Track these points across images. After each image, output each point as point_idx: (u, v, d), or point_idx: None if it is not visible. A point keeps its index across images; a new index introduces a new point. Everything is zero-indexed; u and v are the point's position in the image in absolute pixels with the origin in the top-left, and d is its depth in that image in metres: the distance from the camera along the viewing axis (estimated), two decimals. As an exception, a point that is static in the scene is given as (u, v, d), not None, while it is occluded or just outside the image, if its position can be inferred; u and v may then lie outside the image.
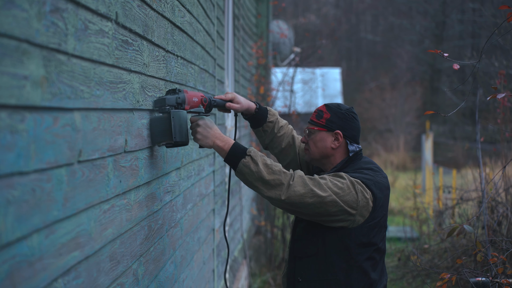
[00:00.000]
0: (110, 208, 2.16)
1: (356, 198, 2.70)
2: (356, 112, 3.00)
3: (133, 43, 2.42)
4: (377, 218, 2.78)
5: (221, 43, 5.52)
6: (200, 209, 4.25)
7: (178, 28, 3.28)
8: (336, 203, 2.67)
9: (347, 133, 2.91)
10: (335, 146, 2.91)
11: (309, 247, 2.85)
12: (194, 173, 3.99)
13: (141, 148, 2.55)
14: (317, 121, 2.94)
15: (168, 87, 3.07)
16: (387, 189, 2.87)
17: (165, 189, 3.05)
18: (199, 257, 4.21)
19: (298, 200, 2.66)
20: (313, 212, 2.70)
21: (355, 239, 2.75)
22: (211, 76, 4.65)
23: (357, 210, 2.71)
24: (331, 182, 2.70)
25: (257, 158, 2.69)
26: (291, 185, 2.66)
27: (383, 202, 2.80)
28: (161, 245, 2.98)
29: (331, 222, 2.74)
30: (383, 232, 2.86)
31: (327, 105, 2.94)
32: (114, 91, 2.18)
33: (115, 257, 2.23)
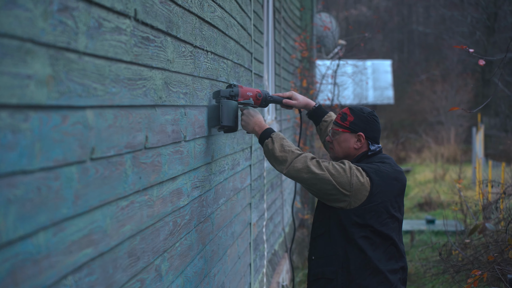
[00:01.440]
0: (129, 204, 2.16)
1: (349, 180, 2.96)
2: (377, 115, 3.24)
3: (155, 40, 2.41)
4: (374, 202, 3.00)
5: (259, 37, 5.49)
6: (234, 203, 4.23)
7: (207, 23, 3.26)
8: (329, 182, 2.95)
9: (369, 134, 3.17)
10: (358, 146, 3.17)
11: (320, 228, 3.16)
12: (228, 168, 3.97)
13: (164, 144, 2.54)
14: (342, 123, 3.19)
15: (196, 83, 3.06)
16: (393, 179, 3.08)
17: (193, 184, 3.04)
18: (233, 251, 4.20)
19: (295, 174, 3.02)
20: (314, 188, 3.03)
21: (350, 219, 3.01)
22: (247, 70, 4.63)
23: (351, 192, 2.97)
24: (332, 166, 3.01)
25: (276, 139, 3.11)
26: (293, 161, 3.02)
27: (383, 189, 3.01)
28: (189, 240, 2.98)
29: (332, 202, 3.04)
30: (385, 218, 3.04)
31: (351, 108, 3.21)
32: (133, 88, 2.17)
33: (135, 253, 2.22)
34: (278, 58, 7.10)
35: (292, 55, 8.46)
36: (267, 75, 6.04)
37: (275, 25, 6.91)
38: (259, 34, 5.46)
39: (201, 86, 3.16)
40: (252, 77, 4.90)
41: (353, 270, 3.03)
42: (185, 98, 2.86)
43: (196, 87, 3.05)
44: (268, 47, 6.63)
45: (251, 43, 4.84)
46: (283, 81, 7.70)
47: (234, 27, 4.05)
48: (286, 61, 8.04)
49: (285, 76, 7.97)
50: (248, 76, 4.71)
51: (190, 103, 2.95)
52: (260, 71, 5.52)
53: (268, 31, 6.65)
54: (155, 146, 2.42)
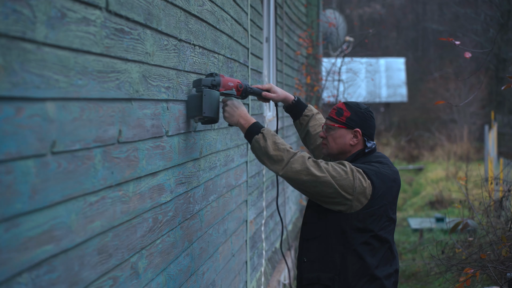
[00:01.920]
0: (99, 200, 2.10)
1: (352, 184, 2.84)
2: (372, 111, 3.15)
3: (131, 32, 2.35)
4: (375, 206, 2.91)
5: (258, 33, 5.42)
6: (228, 200, 4.17)
7: (194, 16, 3.20)
8: (331, 185, 2.83)
9: (366, 131, 3.06)
10: (354, 143, 3.07)
11: (314, 230, 3.04)
12: (220, 164, 3.91)
13: (142, 139, 2.49)
14: (337, 118, 3.07)
15: (182, 77, 3.00)
16: (392, 181, 3.00)
17: (177, 180, 2.99)
18: (226, 249, 4.14)
19: (294, 176, 2.87)
20: (311, 191, 2.89)
21: (351, 224, 2.90)
22: (242, 66, 4.56)
23: (353, 196, 2.86)
24: (332, 167, 2.88)
25: (268, 136, 2.94)
26: (290, 161, 2.87)
27: (383, 192, 2.93)
28: (172, 237, 2.92)
29: (330, 204, 2.92)
30: (384, 222, 2.97)
31: (347, 103, 3.09)
32: (104, 80, 2.11)
33: (106, 250, 2.17)
34: (280, 54, 7.02)
35: (296, 52, 8.38)
36: (267, 71, 5.97)
37: (276, 21, 6.83)
38: (258, 29, 5.39)
39: (187, 80, 3.10)
40: (249, 73, 4.83)
41: (350, 277, 2.96)
42: (168, 92, 2.80)
43: (181, 81, 3.00)
44: (269, 43, 6.56)
45: (248, 38, 4.77)
46: (286, 78, 7.62)
47: (227, 21, 3.99)
48: (290, 58, 7.96)
49: (289, 72, 7.89)
50: (244, 71, 4.65)
51: (174, 98, 2.89)
52: (259, 66, 5.45)
53: (269, 27, 6.59)
54: (130, 141, 2.37)
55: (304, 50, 8.85)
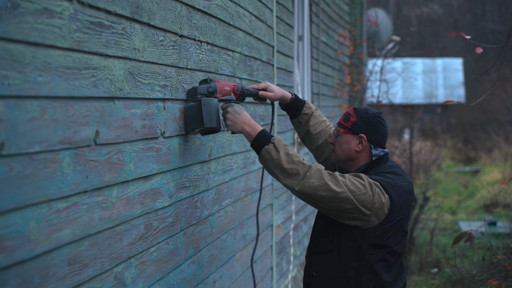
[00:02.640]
0: (69, 206, 1.94)
1: (371, 199, 2.68)
2: (383, 117, 2.97)
3: (113, 26, 2.18)
4: (393, 221, 2.76)
5: (287, 30, 5.21)
6: (248, 204, 3.98)
7: (200, 11, 3.02)
8: (350, 201, 2.66)
9: (371, 137, 2.90)
10: (359, 149, 2.91)
11: (325, 244, 2.86)
12: (237, 167, 3.72)
13: (128, 140, 2.31)
14: (344, 124, 2.94)
15: (183, 75, 2.82)
16: (408, 193, 2.85)
17: (179, 184, 2.81)
18: (246, 255, 3.94)
19: (311, 192, 2.67)
20: (328, 206, 2.70)
21: (368, 239, 2.75)
22: (265, 64, 4.36)
23: (372, 211, 2.69)
24: (349, 181, 2.69)
25: (280, 147, 2.72)
26: (306, 176, 2.68)
27: (401, 206, 2.78)
28: (172, 244, 2.74)
29: (346, 219, 2.74)
30: (400, 236, 2.83)
31: (356, 108, 2.96)
32: (75, 77, 1.95)
33: (80, 260, 2.00)
34: (316, 53, 6.79)
35: (338, 51, 8.13)
36: (297, 70, 5.75)
37: (311, 19, 6.60)
38: (287, 27, 5.18)
39: (190, 78, 2.92)
40: (274, 72, 4.63)
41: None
42: (164, 91, 2.62)
43: (182, 79, 2.82)
44: (303, 41, 6.34)
45: (273, 36, 4.57)
46: (323, 77, 7.38)
47: (244, 17, 3.79)
48: (329, 57, 7.72)
49: (327, 71, 7.65)
50: (267, 70, 4.45)
51: (173, 97, 2.71)
52: (288, 65, 5.23)
53: (303, 25, 6.37)
54: (112, 142, 2.20)
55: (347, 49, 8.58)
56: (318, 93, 6.85)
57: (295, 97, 3.21)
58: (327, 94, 7.61)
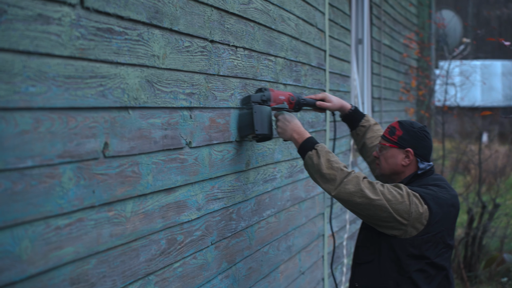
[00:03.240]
0: (73, 223, 1.81)
1: (408, 209, 2.63)
2: (428, 131, 2.93)
3: (126, 32, 2.04)
4: (432, 232, 2.70)
5: (342, 34, 4.99)
6: (294, 214, 3.79)
7: (235, 15, 2.86)
8: (385, 209, 2.62)
9: (418, 151, 2.85)
10: (406, 163, 2.86)
11: (367, 254, 2.85)
12: (281, 176, 3.54)
13: (145, 152, 2.17)
14: (390, 138, 2.89)
15: (214, 82, 2.67)
16: (450, 206, 2.78)
17: (210, 195, 2.66)
18: (291, 267, 3.75)
19: (347, 198, 2.66)
20: (364, 214, 2.69)
21: (406, 250, 2.71)
22: (315, 69, 4.16)
23: (409, 221, 2.65)
24: (387, 190, 2.66)
25: (322, 153, 2.72)
26: (343, 182, 2.66)
27: (441, 217, 2.72)
28: (200, 259, 2.59)
29: (384, 228, 2.71)
30: (441, 249, 2.76)
31: (401, 122, 2.91)
32: (78, 87, 1.82)
33: (86, 279, 1.87)
34: (377, 56, 6.52)
35: (403, 54, 7.83)
36: (355, 74, 5.51)
37: (372, 21, 6.34)
38: (343, 30, 4.96)
39: (223, 85, 2.76)
40: (326, 77, 4.42)
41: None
42: (191, 99, 2.47)
43: (213, 86, 2.66)
44: (363, 44, 6.10)
45: (324, 39, 4.36)
46: (386, 81, 7.10)
47: (290, 21, 3.60)
48: (393, 60, 7.43)
49: (391, 75, 7.35)
50: (318, 75, 4.24)
51: (201, 105, 2.56)
52: (343, 70, 5.01)
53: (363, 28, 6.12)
54: (126, 155, 2.06)
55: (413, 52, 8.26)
56: (379, 98, 6.58)
57: (354, 108, 3.21)
58: (391, 98, 7.33)
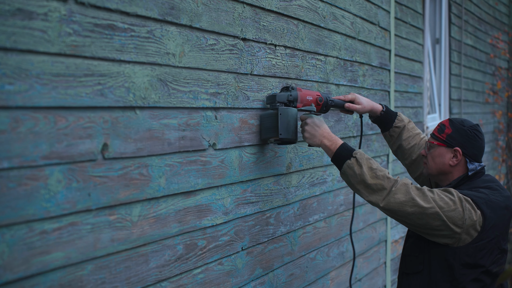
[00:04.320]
0: (63, 227, 1.69)
1: (462, 216, 2.40)
2: (480, 130, 2.67)
3: (132, 28, 1.90)
4: (487, 239, 2.46)
5: (413, 33, 4.67)
6: (347, 219, 3.54)
7: (273, 12, 2.67)
8: (438, 217, 2.39)
9: (467, 151, 2.61)
10: (453, 163, 2.62)
11: (415, 264, 2.60)
12: (332, 179, 3.32)
13: (157, 154, 2.02)
14: (438, 136, 2.66)
15: (246, 81, 2.49)
16: (504, 209, 2.52)
17: (240, 199, 2.48)
18: (344, 273, 3.51)
19: (397, 208, 2.41)
20: (415, 223, 2.44)
21: (460, 258, 2.47)
22: (377, 69, 3.89)
23: (462, 228, 2.42)
24: (438, 196, 2.42)
25: (362, 161, 2.45)
26: (392, 191, 2.41)
27: (495, 222, 2.48)
28: (228, 265, 2.42)
29: (435, 237, 2.48)
30: (496, 255, 2.51)
31: (451, 120, 2.67)
32: (68, 85, 1.69)
33: (79, 285, 1.75)
34: (457, 57, 6.11)
35: (490, 55, 7.34)
36: (428, 75, 5.16)
37: (450, 20, 5.94)
38: (412, 29, 4.64)
39: (257, 85, 2.58)
40: (391, 77, 4.13)
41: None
42: (215, 99, 2.31)
43: (244, 86, 2.48)
44: (440, 44, 5.72)
45: (389, 39, 4.08)
46: (469, 82, 6.66)
47: (344, 19, 3.37)
48: (478, 61, 6.97)
49: (474, 76, 6.90)
50: (381, 75, 3.97)
51: (229, 105, 2.39)
52: (413, 71, 4.69)
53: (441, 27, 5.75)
54: (131, 156, 1.92)
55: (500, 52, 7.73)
56: (459, 99, 6.18)
57: (385, 109, 2.90)
58: (474, 100, 6.88)
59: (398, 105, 4.33)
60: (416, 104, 4.77)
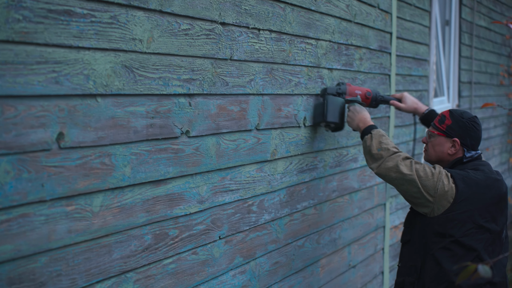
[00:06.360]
0: (12, 219, 1.63)
1: (434, 185, 2.61)
2: (478, 122, 2.81)
3: (93, 14, 1.81)
4: (458, 211, 2.62)
5: (418, 15, 4.51)
6: (341, 206, 3.45)
7: (256, -5, 2.55)
8: (415, 184, 2.63)
9: (465, 141, 2.77)
10: (452, 152, 2.79)
11: (406, 234, 2.83)
12: (323, 165, 3.22)
13: (121, 142, 1.95)
14: (439, 126, 2.82)
15: (226, 67, 2.40)
16: (484, 187, 2.66)
17: (219, 187, 2.40)
18: (337, 260, 3.42)
19: (384, 173, 2.72)
20: (399, 189, 2.72)
21: (432, 227, 2.67)
22: (375, 52, 3.76)
23: (434, 197, 2.62)
24: (423, 168, 2.67)
25: (375, 136, 2.79)
26: (385, 159, 2.71)
27: (468, 196, 2.62)
28: (203, 254, 2.35)
29: (416, 206, 2.70)
30: (470, 228, 2.64)
31: (451, 111, 2.84)
32: (17, 73, 1.61)
33: (31, 278, 1.69)
34: (468, 39, 5.92)
35: (506, 36, 7.13)
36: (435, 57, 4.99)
37: (461, 1, 5.75)
38: (417, 11, 4.48)
39: (238, 71, 2.48)
40: (392, 60, 4.00)
41: (427, 283, 2.69)
42: (189, 86, 2.22)
43: (223, 72, 2.39)
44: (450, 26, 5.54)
45: (390, 21, 3.93)
46: (482, 64, 6.47)
47: (338, 2, 3.24)
48: (492, 42, 6.76)
49: (488, 58, 6.70)
50: (380, 59, 3.84)
51: (206, 92, 2.30)
52: (418, 53, 4.54)
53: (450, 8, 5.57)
54: (91, 145, 1.84)
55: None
56: (470, 82, 5.99)
57: (429, 111, 3.19)
58: (487, 82, 6.68)
59: (400, 88, 4.19)
60: (420, 88, 4.62)
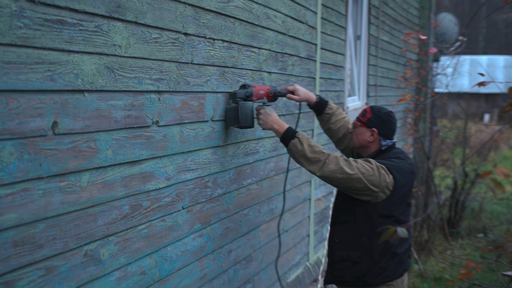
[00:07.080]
0: (16, 192, 1.59)
1: (378, 179, 2.60)
2: (393, 116, 2.84)
3: (81, 23, 1.79)
4: (397, 195, 2.66)
5: (337, 30, 4.60)
6: (277, 182, 3.51)
7: (212, 12, 2.56)
8: (361, 181, 2.58)
9: (382, 131, 2.80)
10: (371, 140, 2.82)
11: (343, 216, 2.78)
12: (264, 150, 3.26)
13: (104, 130, 1.93)
14: (361, 119, 2.84)
15: (187, 69, 2.40)
16: (409, 173, 2.73)
17: (181, 167, 2.41)
18: (273, 226, 3.48)
19: (330, 175, 2.61)
20: (343, 186, 2.64)
21: (377, 211, 2.66)
22: (304, 60, 3.83)
23: (379, 188, 2.61)
24: (361, 165, 2.61)
25: (303, 140, 2.66)
26: (326, 162, 2.61)
27: (402, 183, 2.67)
28: (170, 221, 2.35)
29: (359, 195, 2.66)
30: (404, 208, 2.73)
31: (372, 107, 2.86)
32: (20, 71, 1.58)
33: (32, 241, 1.66)
34: (374, 50, 6.08)
35: (403, 49, 7.34)
36: (350, 64, 5.11)
37: (369, 21, 5.89)
38: (336, 27, 4.58)
39: (197, 73, 2.49)
40: (317, 66, 4.07)
41: (376, 255, 2.71)
42: (159, 84, 2.21)
43: (185, 73, 2.39)
44: (361, 40, 5.68)
45: (316, 35, 4.00)
46: (384, 71, 6.66)
47: (276, 18, 3.28)
48: (392, 53, 6.96)
49: (389, 66, 6.90)
50: (308, 65, 3.90)
51: (171, 89, 2.30)
52: (337, 61, 4.64)
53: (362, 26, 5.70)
54: (80, 132, 1.82)
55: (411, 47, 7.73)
56: (375, 85, 6.17)
57: (319, 99, 3.05)
58: (388, 85, 6.88)
59: (323, 89, 4.28)
60: (338, 89, 4.72)
